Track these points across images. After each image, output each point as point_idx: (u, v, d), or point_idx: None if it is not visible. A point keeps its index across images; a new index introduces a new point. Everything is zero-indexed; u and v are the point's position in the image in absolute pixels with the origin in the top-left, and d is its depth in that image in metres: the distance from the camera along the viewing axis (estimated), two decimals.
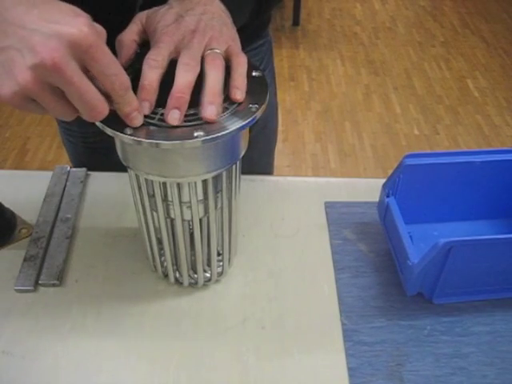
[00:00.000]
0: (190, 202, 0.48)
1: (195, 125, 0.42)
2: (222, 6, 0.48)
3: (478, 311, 0.56)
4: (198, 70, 0.43)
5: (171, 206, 0.49)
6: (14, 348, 0.52)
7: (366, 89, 2.37)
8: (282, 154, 1.98)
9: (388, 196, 0.59)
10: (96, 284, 0.58)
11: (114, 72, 0.38)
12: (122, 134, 0.41)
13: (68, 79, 0.35)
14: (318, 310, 0.56)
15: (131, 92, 0.40)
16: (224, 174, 0.48)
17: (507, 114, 2.23)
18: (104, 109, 0.39)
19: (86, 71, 0.37)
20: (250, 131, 0.77)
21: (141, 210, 0.51)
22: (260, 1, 0.62)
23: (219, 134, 0.41)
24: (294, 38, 2.73)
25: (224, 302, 0.57)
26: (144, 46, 0.47)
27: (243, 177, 0.71)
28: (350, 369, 0.51)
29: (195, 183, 0.47)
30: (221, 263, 0.57)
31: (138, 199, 0.50)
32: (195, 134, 0.41)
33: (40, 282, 0.57)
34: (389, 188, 0.59)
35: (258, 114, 0.43)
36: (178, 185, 0.47)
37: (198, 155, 0.44)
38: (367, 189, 0.68)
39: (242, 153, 0.48)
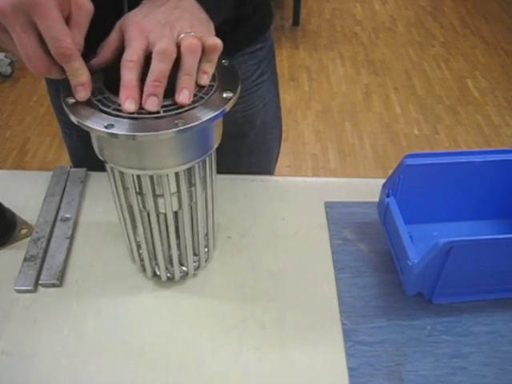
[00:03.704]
0: (162, 194, 0.49)
1: (171, 115, 0.42)
2: (196, 4, 0.48)
3: (477, 311, 0.56)
4: (173, 57, 0.43)
5: (147, 199, 0.49)
6: (14, 348, 0.52)
7: (365, 89, 2.37)
8: (282, 153, 1.95)
9: (388, 196, 0.59)
10: (96, 284, 0.58)
11: (54, 35, 0.41)
12: (97, 128, 0.41)
13: (10, 26, 0.41)
14: (318, 309, 0.56)
15: (78, 64, 0.42)
16: (198, 165, 0.48)
17: (507, 114, 2.22)
18: (39, 64, 0.42)
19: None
20: (247, 136, 0.77)
21: (125, 206, 0.52)
22: None
23: (193, 124, 0.42)
24: (294, 38, 2.73)
25: (224, 301, 0.57)
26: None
27: (243, 177, 0.71)
28: (350, 369, 0.51)
29: (168, 175, 0.47)
30: (206, 252, 0.58)
31: (116, 194, 0.51)
32: (171, 125, 0.41)
33: (40, 282, 0.57)
34: (389, 188, 0.59)
35: (228, 107, 0.44)
36: (152, 177, 0.47)
37: (172, 146, 0.44)
38: (367, 189, 0.68)
39: (216, 144, 0.49)
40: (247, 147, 0.80)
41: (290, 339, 0.53)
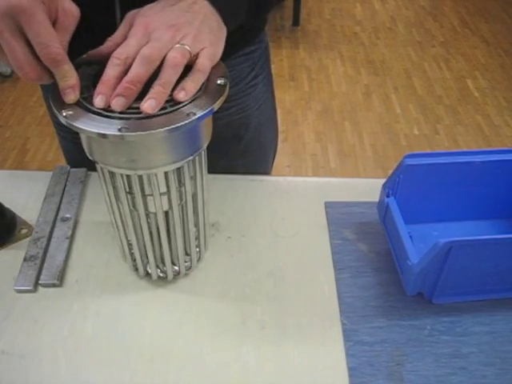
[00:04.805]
0: (152, 194, 0.49)
1: (161, 114, 0.42)
2: (210, 7, 0.48)
3: (477, 311, 0.56)
4: (156, 64, 0.43)
5: (137, 199, 0.49)
6: (14, 348, 0.52)
7: (365, 89, 2.37)
8: (282, 154, 1.98)
9: (388, 196, 0.59)
10: (96, 284, 0.58)
11: (42, 41, 0.41)
12: (86, 129, 0.41)
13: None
14: (318, 309, 0.56)
15: (67, 68, 0.42)
16: (187, 165, 0.48)
17: (507, 114, 2.23)
18: (30, 71, 0.42)
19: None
20: (242, 138, 0.76)
21: (116, 205, 0.52)
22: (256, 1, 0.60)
23: (182, 124, 0.42)
24: (294, 38, 2.73)
25: (224, 302, 0.57)
26: None
27: (243, 177, 0.71)
28: (350, 369, 0.51)
29: (156, 175, 0.47)
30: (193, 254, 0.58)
31: (107, 194, 0.51)
32: (160, 124, 0.42)
33: (40, 282, 0.57)
34: (389, 188, 0.59)
35: (216, 106, 0.44)
36: (141, 177, 0.47)
37: (161, 145, 0.44)
38: (367, 189, 0.68)
39: (205, 143, 0.49)
40: (242, 149, 0.80)
41: (290, 339, 0.53)
